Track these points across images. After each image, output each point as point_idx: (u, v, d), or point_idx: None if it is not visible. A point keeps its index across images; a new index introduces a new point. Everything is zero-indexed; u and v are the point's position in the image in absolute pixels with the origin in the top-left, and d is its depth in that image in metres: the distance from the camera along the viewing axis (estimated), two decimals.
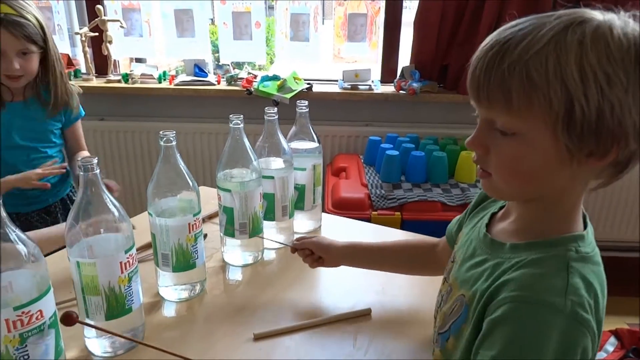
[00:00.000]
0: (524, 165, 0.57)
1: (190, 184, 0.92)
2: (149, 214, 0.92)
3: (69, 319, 0.67)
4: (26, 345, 0.65)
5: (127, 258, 0.78)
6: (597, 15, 0.54)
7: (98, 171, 0.74)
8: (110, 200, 0.76)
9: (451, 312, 0.67)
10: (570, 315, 0.52)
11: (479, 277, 0.62)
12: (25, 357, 0.65)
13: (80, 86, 2.34)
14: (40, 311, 0.66)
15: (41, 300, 0.66)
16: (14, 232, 0.64)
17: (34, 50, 1.36)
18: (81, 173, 0.73)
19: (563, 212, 0.61)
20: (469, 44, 2.16)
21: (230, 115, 1.02)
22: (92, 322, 0.77)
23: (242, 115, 1.03)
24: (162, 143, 0.88)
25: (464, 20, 2.17)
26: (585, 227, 0.62)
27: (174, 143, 0.89)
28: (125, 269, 0.78)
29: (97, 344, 0.80)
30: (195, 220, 0.92)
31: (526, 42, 0.53)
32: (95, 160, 0.73)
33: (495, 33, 0.57)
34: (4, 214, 0.63)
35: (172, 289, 0.96)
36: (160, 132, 0.88)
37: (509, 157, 0.58)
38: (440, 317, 0.71)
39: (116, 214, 0.77)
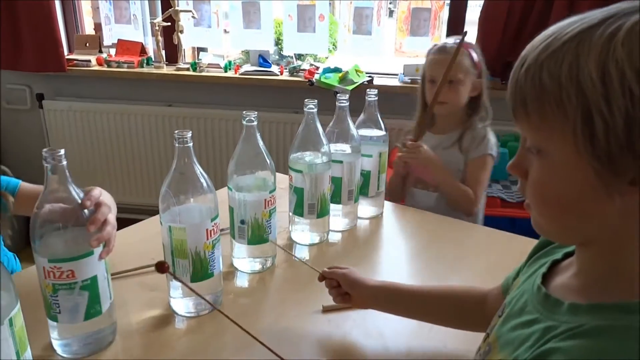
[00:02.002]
0: (551, 191, 0.47)
1: (268, 162, 0.97)
2: (229, 188, 0.98)
3: (161, 267, 0.67)
4: (57, 295, 0.72)
5: (212, 226, 0.84)
6: None
7: (191, 144, 0.81)
8: (200, 173, 0.83)
9: None
10: None
11: (524, 341, 0.50)
12: (57, 304, 0.72)
13: (152, 73, 2.49)
14: (72, 271, 0.71)
15: (75, 262, 0.71)
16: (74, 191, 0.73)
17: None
18: (177, 145, 0.80)
19: (637, 264, 0.46)
20: None
21: (305, 100, 1.07)
22: (181, 279, 0.80)
23: (315, 101, 1.07)
24: (244, 122, 0.94)
25: (531, 18, 2.14)
26: None
27: (255, 123, 0.95)
28: (210, 236, 0.84)
29: (182, 304, 0.87)
30: (270, 197, 0.98)
31: (547, 42, 0.45)
32: (189, 134, 0.80)
33: None
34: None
35: (246, 261, 1.02)
36: (243, 112, 0.94)
37: (536, 181, 0.48)
38: None
39: (204, 185, 0.83)
